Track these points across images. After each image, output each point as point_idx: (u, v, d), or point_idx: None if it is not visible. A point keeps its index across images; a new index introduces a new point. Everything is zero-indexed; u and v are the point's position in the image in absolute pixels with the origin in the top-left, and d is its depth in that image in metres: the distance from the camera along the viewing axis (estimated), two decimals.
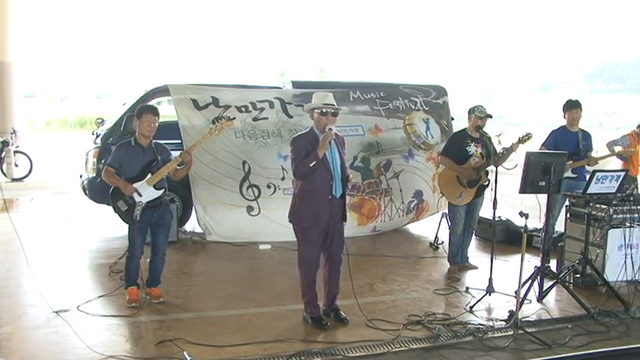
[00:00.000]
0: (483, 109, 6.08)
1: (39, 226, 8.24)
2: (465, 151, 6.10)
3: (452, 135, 6.79)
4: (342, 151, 4.67)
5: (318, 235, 4.61)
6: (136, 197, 4.88)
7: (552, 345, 4.38)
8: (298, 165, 4.50)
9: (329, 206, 4.56)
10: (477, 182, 6.09)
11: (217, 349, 4.18)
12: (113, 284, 5.51)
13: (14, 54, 14.22)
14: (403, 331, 4.58)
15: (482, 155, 6.08)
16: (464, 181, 6.12)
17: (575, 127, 6.65)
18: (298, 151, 4.53)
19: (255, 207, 7.38)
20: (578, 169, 6.53)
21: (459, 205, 6.22)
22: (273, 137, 7.60)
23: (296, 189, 4.69)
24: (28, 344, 4.28)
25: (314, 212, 4.55)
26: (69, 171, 11.33)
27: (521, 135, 5.69)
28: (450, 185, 6.25)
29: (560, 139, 6.57)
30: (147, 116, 4.92)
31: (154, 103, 7.56)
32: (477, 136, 6.12)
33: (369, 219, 7.88)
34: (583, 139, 6.59)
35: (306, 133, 4.67)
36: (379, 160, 7.97)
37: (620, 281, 5.48)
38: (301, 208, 4.60)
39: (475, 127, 6.07)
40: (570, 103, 6.69)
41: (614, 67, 77.06)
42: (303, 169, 4.48)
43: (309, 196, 4.56)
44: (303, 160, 4.47)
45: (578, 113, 6.64)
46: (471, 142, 6.13)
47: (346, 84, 8.63)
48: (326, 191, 4.54)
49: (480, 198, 6.25)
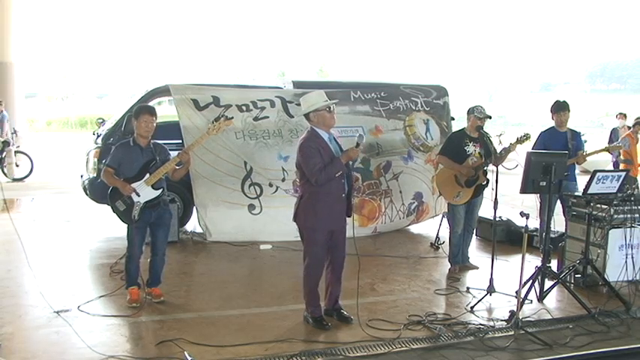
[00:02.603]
0: (483, 110, 6.10)
1: (40, 226, 8.25)
2: (463, 151, 6.10)
3: (450, 134, 6.80)
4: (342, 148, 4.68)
5: (326, 236, 4.61)
6: (134, 197, 4.88)
7: (553, 345, 4.38)
8: (321, 173, 4.40)
9: (341, 205, 4.59)
10: (475, 182, 6.09)
11: (218, 349, 4.17)
12: (114, 284, 5.51)
13: (15, 54, 14.24)
14: (404, 331, 4.57)
15: (481, 155, 6.09)
16: (461, 180, 6.12)
17: (563, 128, 6.65)
18: (315, 157, 4.44)
19: (257, 205, 7.37)
20: (568, 169, 6.46)
21: (457, 204, 6.23)
22: (273, 137, 7.59)
23: (304, 191, 4.63)
24: (28, 344, 4.28)
25: (328, 213, 4.55)
26: (70, 171, 11.32)
27: (519, 135, 5.69)
28: (447, 185, 6.26)
29: (549, 140, 6.55)
30: (144, 116, 4.92)
31: (154, 103, 7.56)
32: (475, 135, 6.13)
33: (370, 220, 7.88)
34: (572, 139, 6.57)
35: (311, 136, 4.57)
36: (379, 161, 7.96)
37: (621, 281, 5.49)
38: (314, 210, 4.55)
39: (474, 127, 6.08)
40: (558, 106, 6.66)
41: (614, 67, 77.04)
42: (327, 177, 4.43)
43: (325, 197, 4.52)
44: (325, 167, 4.41)
45: (566, 115, 6.62)
46: (470, 142, 6.13)
47: (347, 84, 8.63)
48: (340, 190, 4.56)
49: (478, 198, 6.26)
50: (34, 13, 19.88)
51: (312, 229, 4.61)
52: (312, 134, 4.57)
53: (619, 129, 12.02)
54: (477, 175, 6.07)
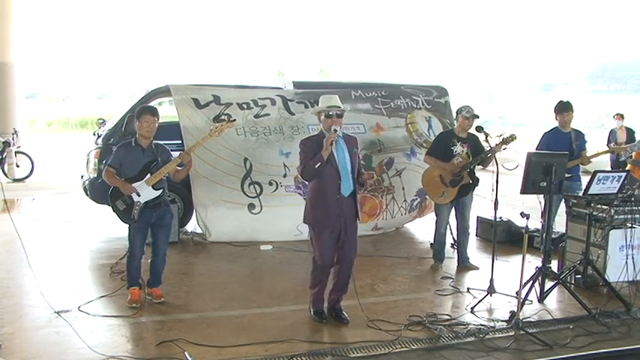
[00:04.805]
0: (471, 109, 6.18)
1: (40, 226, 8.25)
2: (449, 151, 6.17)
3: (438, 134, 6.85)
4: (352, 151, 4.70)
5: (329, 234, 4.62)
6: (135, 197, 4.89)
7: (553, 346, 4.38)
8: (305, 167, 4.60)
9: (337, 205, 4.58)
10: (459, 182, 6.13)
11: (218, 350, 4.18)
12: (114, 285, 5.52)
13: (15, 54, 14.23)
14: (404, 331, 4.57)
15: (468, 155, 6.13)
16: (446, 180, 6.18)
17: (567, 128, 6.64)
18: (305, 153, 4.62)
19: (257, 204, 7.36)
20: (572, 169, 6.46)
21: (441, 204, 6.29)
22: (274, 134, 7.60)
23: (308, 190, 4.77)
24: (29, 344, 4.28)
25: (323, 212, 4.60)
26: (70, 171, 11.32)
27: (505, 136, 5.74)
28: (432, 184, 6.34)
29: (553, 141, 6.55)
30: (146, 117, 4.93)
31: (155, 103, 7.57)
32: (464, 136, 6.18)
33: (371, 216, 7.87)
34: (576, 139, 6.57)
35: (315, 135, 4.78)
36: (381, 157, 7.97)
37: (622, 282, 5.49)
38: (312, 207, 4.67)
39: (463, 127, 6.15)
40: (562, 106, 6.65)
41: (615, 68, 76.95)
42: (309, 171, 4.58)
43: (318, 195, 4.63)
44: (309, 162, 4.54)
45: (570, 116, 6.61)
46: (457, 142, 6.19)
47: (348, 84, 8.64)
48: (334, 190, 4.57)
49: (467, 197, 6.30)
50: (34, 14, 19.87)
51: (312, 227, 4.72)
52: (318, 134, 4.74)
53: (616, 130, 12.01)
54: (462, 175, 6.10)
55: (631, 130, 11.95)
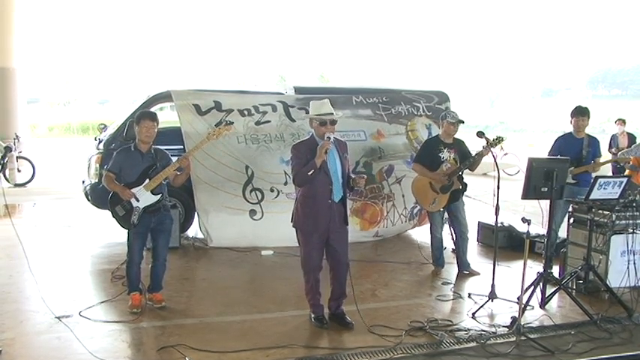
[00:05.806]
0: (455, 115, 6.24)
1: (41, 231, 8.25)
2: (437, 158, 6.19)
3: (424, 142, 6.86)
4: (343, 156, 4.71)
5: (317, 239, 4.67)
6: (134, 202, 4.90)
7: (555, 351, 4.37)
8: (297, 173, 4.61)
9: (328, 210, 4.61)
10: (450, 188, 6.15)
11: (219, 355, 4.17)
12: (115, 290, 5.51)
13: (17, 59, 14.28)
14: (405, 337, 4.56)
15: (456, 161, 6.16)
16: (436, 187, 6.19)
17: (581, 134, 6.58)
18: (297, 159, 4.63)
19: (259, 210, 7.36)
20: (582, 175, 6.46)
21: (433, 211, 6.31)
22: (275, 141, 7.61)
23: (298, 194, 4.76)
24: (30, 350, 4.28)
25: (314, 216, 4.62)
26: (71, 176, 11.34)
27: (492, 138, 5.74)
28: (423, 192, 6.36)
29: (564, 146, 6.53)
30: (145, 122, 4.94)
31: (156, 108, 7.59)
32: (450, 141, 6.20)
33: (372, 224, 7.88)
34: (589, 146, 6.51)
35: (307, 140, 4.77)
36: (381, 165, 7.97)
37: (623, 287, 5.48)
38: (302, 212, 4.68)
39: (448, 133, 6.18)
40: (578, 110, 6.59)
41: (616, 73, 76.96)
42: (301, 178, 4.59)
43: (309, 200, 4.64)
44: (301, 168, 4.54)
45: (585, 121, 6.55)
46: (444, 148, 6.21)
47: (349, 89, 8.65)
48: (326, 196, 4.60)
49: (458, 202, 6.31)
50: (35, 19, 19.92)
51: (300, 231, 4.75)
52: (309, 139, 4.73)
53: (618, 135, 12.01)
54: (452, 181, 6.11)
55: (632, 135, 11.96)
